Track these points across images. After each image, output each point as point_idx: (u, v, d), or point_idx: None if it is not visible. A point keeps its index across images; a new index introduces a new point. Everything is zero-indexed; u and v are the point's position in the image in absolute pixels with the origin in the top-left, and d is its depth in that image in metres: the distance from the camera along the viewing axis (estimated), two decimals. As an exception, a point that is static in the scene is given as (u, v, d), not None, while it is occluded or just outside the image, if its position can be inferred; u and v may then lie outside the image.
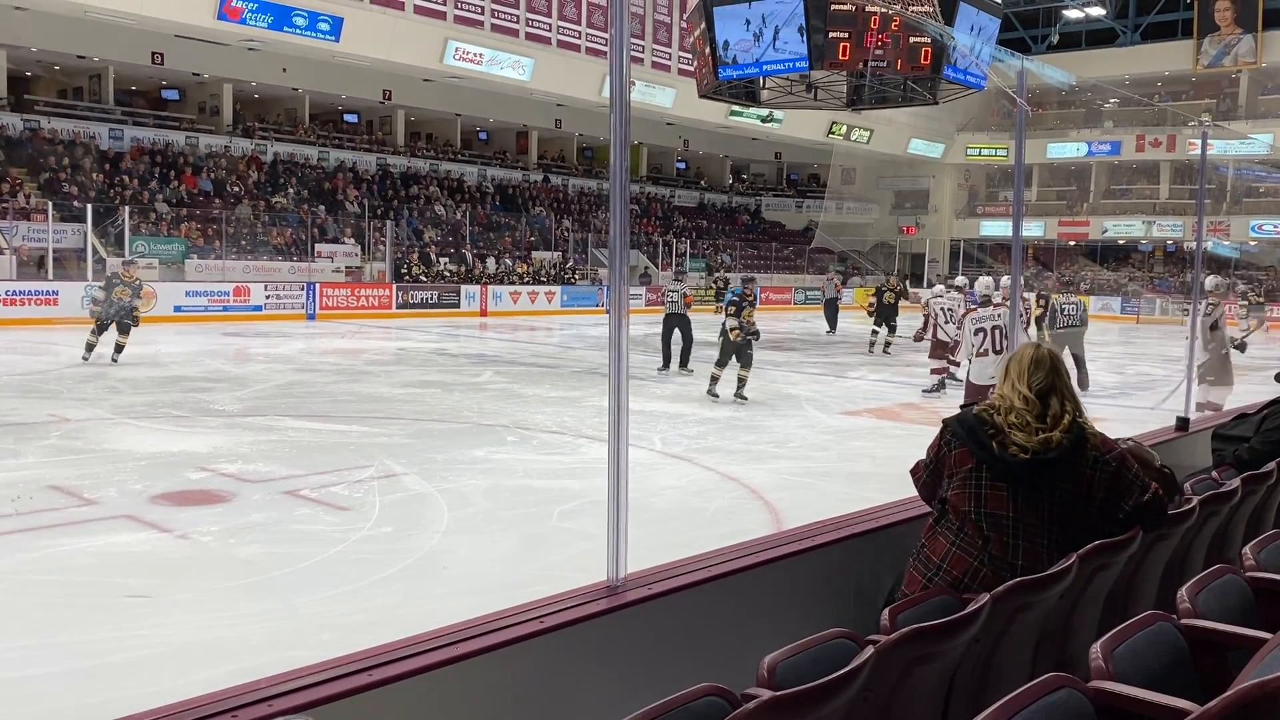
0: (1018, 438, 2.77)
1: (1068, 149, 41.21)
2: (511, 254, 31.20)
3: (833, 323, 24.18)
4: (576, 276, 31.66)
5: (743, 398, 11.71)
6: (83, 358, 13.53)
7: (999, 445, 2.78)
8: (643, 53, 31.04)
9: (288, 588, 5.12)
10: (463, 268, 29.02)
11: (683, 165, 43.98)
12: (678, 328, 14.51)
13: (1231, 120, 36.47)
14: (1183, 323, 26.96)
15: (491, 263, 30.13)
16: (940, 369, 13.28)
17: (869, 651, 1.94)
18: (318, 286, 24.64)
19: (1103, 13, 40.32)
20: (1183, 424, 5.63)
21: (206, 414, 10.13)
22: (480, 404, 11.38)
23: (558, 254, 32.52)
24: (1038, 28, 41.91)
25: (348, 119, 33.86)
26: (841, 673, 1.83)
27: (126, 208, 23.48)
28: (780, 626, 2.60)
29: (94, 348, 13.62)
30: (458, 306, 27.01)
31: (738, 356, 11.84)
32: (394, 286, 26.25)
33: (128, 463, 7.74)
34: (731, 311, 11.95)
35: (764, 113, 24.23)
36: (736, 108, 25.24)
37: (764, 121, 30.78)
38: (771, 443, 9.48)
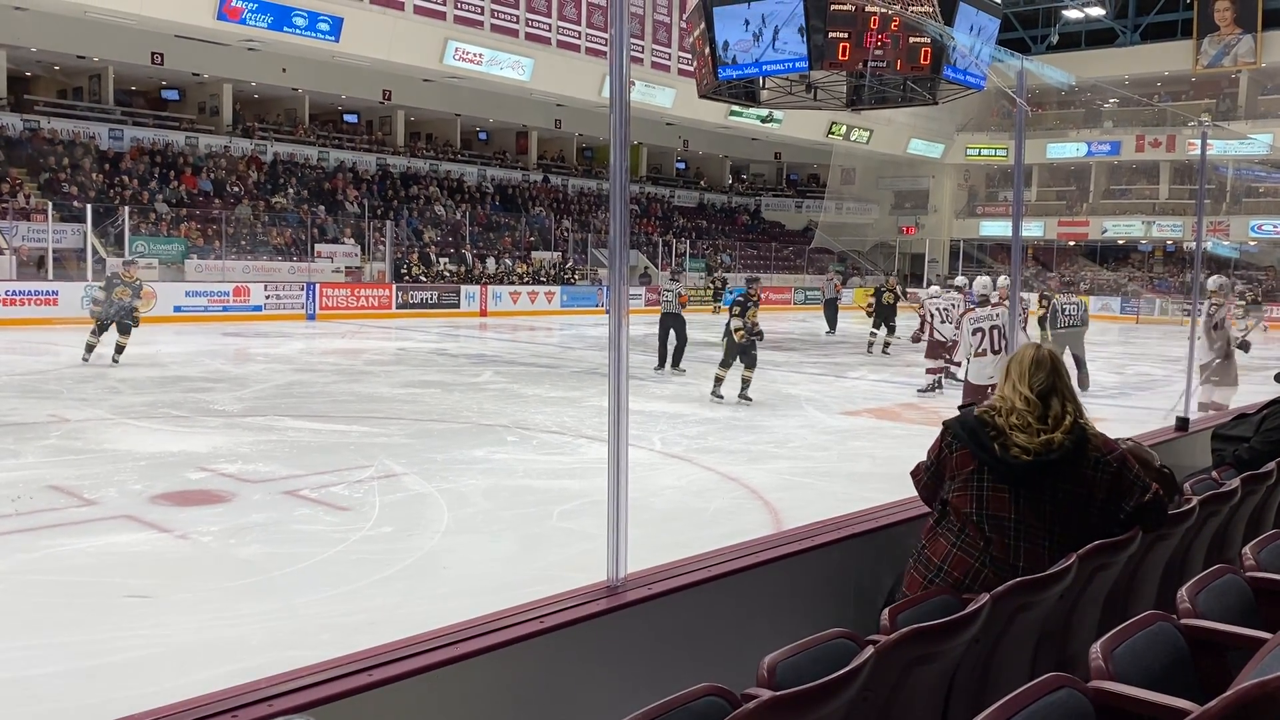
0: (1019, 439, 2.77)
1: (1067, 149, 41.22)
2: (511, 254, 31.20)
3: (832, 323, 24.19)
4: (576, 277, 31.66)
5: (747, 398, 11.67)
6: (83, 358, 13.48)
7: (1001, 447, 2.78)
8: (642, 53, 31.03)
9: (288, 588, 5.12)
10: (462, 268, 29.02)
11: (682, 165, 43.98)
12: (672, 328, 14.52)
13: (1231, 120, 36.47)
14: (1183, 323, 26.97)
15: (491, 263, 30.13)
16: (936, 369, 13.27)
17: (869, 651, 1.94)
18: (317, 287, 24.64)
19: (1102, 13, 40.33)
20: (1182, 424, 5.63)
21: (206, 414, 10.13)
22: (480, 404, 11.38)
23: (557, 254, 32.52)
24: (1037, 28, 41.92)
25: (347, 119, 33.86)
26: (841, 673, 1.83)
27: (126, 208, 23.48)
28: (780, 626, 2.60)
29: (94, 348, 13.57)
30: (457, 307, 27.01)
31: (742, 357, 11.79)
32: (394, 287, 26.25)
33: (128, 463, 7.74)
34: (736, 312, 11.87)
35: (764, 113, 24.22)
36: (736, 108, 25.24)
37: (764, 122, 30.78)
38: (771, 443, 9.48)
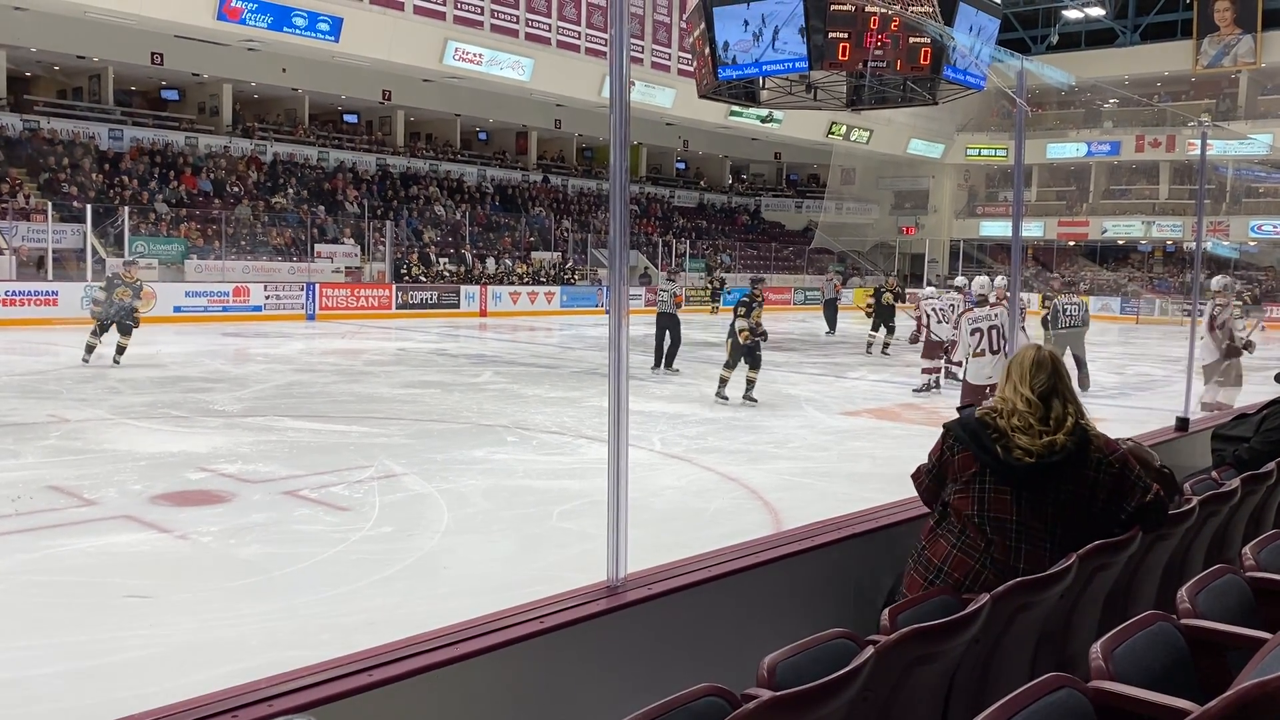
0: (1022, 441, 2.76)
1: (1067, 149, 41.22)
2: (511, 254, 31.20)
3: (832, 323, 24.20)
4: (576, 277, 31.66)
5: (752, 399, 11.58)
6: (83, 359, 13.42)
7: (1003, 449, 2.77)
8: (642, 53, 31.03)
9: (287, 588, 5.12)
10: (462, 268, 29.02)
11: (682, 165, 43.98)
12: (667, 328, 14.55)
13: (1231, 120, 36.47)
14: (1183, 323, 26.97)
15: (491, 263, 30.13)
16: (932, 369, 13.33)
17: (869, 652, 1.94)
18: (317, 287, 24.64)
19: (1102, 13, 40.34)
20: (1182, 424, 5.63)
21: (206, 414, 10.13)
22: (480, 404, 11.38)
23: (557, 254, 32.53)
24: (1037, 28, 41.92)
25: (347, 119, 33.86)
26: (841, 673, 1.83)
27: (126, 208, 23.48)
28: (780, 627, 2.60)
29: (94, 349, 13.51)
30: (457, 307, 27.02)
31: (746, 358, 11.67)
32: (394, 287, 26.25)
33: (127, 463, 7.73)
34: (741, 313, 11.72)
35: (763, 113, 24.22)
36: (736, 108, 25.24)
37: (763, 122, 30.77)
38: (771, 443, 9.48)
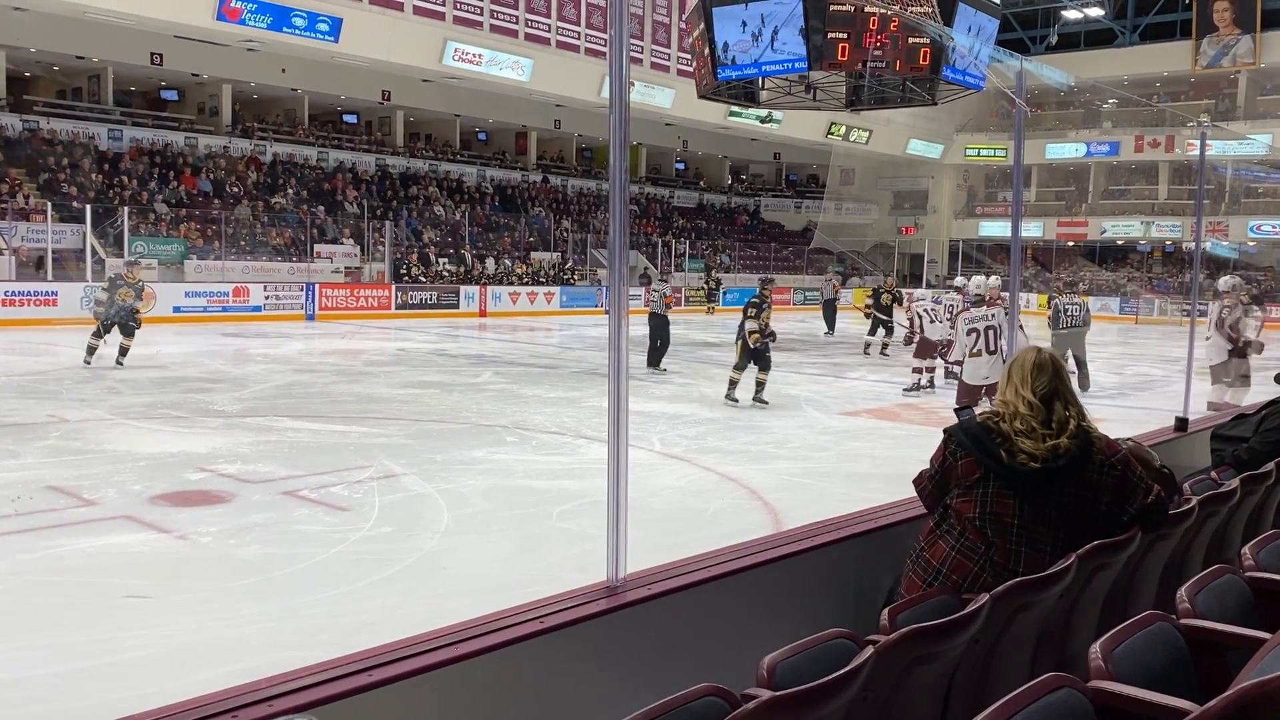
0: (1025, 445, 2.75)
1: (1066, 149, 41.24)
2: (511, 254, 31.21)
3: (831, 323, 24.21)
4: (576, 277, 31.66)
5: (763, 401, 11.46)
6: (84, 361, 13.28)
7: (1007, 453, 2.76)
8: (642, 53, 31.03)
9: (287, 588, 5.12)
10: (462, 268, 29.02)
11: (682, 166, 43.99)
12: (656, 328, 14.58)
13: (1230, 121, 36.48)
14: (1182, 323, 26.96)
15: (491, 263, 30.13)
16: (922, 369, 13.43)
17: (869, 652, 1.94)
18: (317, 287, 24.64)
19: (1101, 13, 40.35)
20: (1181, 424, 5.64)
21: (206, 415, 10.13)
22: (479, 404, 11.38)
23: (557, 255, 32.53)
24: (1036, 28, 41.92)
25: (347, 119, 33.86)
26: (841, 673, 1.83)
27: (126, 208, 23.48)
28: (780, 627, 2.60)
29: (95, 350, 13.38)
30: (457, 307, 27.02)
31: (756, 360, 11.52)
32: (393, 287, 26.25)
33: (127, 463, 7.73)
34: (751, 314, 11.52)
35: (763, 113, 24.18)
36: (735, 108, 25.24)
37: (763, 122, 30.73)
38: (771, 443, 9.48)
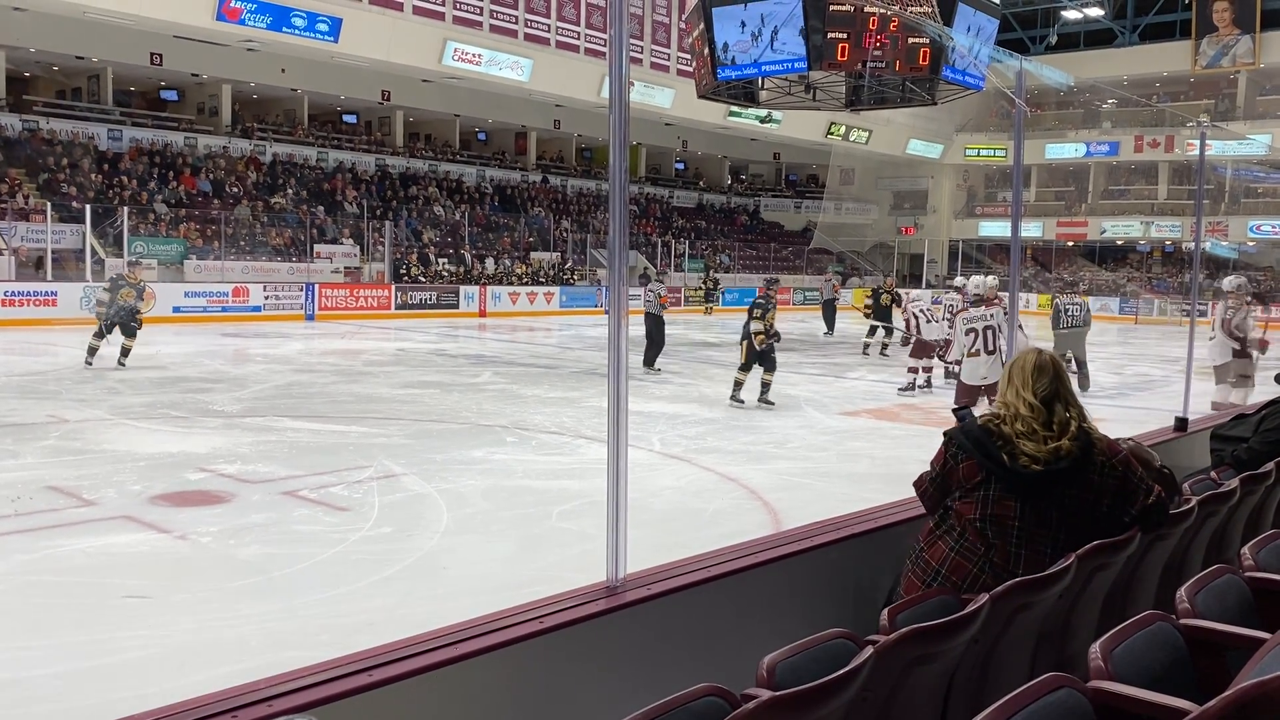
0: (1027, 447, 2.74)
1: (1066, 149, 41.25)
2: (510, 255, 31.21)
3: (830, 324, 24.21)
4: (575, 277, 31.66)
5: (768, 402, 11.39)
6: (85, 362, 13.18)
7: (1009, 456, 2.75)
8: (641, 53, 31.03)
9: (287, 588, 5.12)
10: (461, 268, 29.02)
11: (681, 166, 43.99)
12: (649, 328, 14.57)
13: (1230, 121, 36.48)
14: (1182, 323, 26.97)
15: (490, 263, 30.13)
16: (917, 369, 13.47)
17: (868, 652, 1.94)
18: (316, 287, 24.64)
19: (1101, 13, 40.35)
20: (1181, 424, 5.64)
21: (205, 415, 10.13)
22: (479, 404, 11.38)
23: (556, 255, 32.53)
24: (1036, 28, 41.93)
25: (346, 119, 33.85)
26: (841, 673, 1.83)
27: (125, 208, 23.47)
28: (779, 627, 2.60)
29: (96, 351, 13.28)
30: (456, 307, 27.02)
31: (761, 361, 11.42)
32: (393, 287, 26.25)
33: (127, 463, 7.73)
34: (757, 315, 11.40)
35: (762, 113, 24.17)
36: (735, 108, 25.23)
37: (763, 122, 30.72)
38: (770, 443, 9.48)
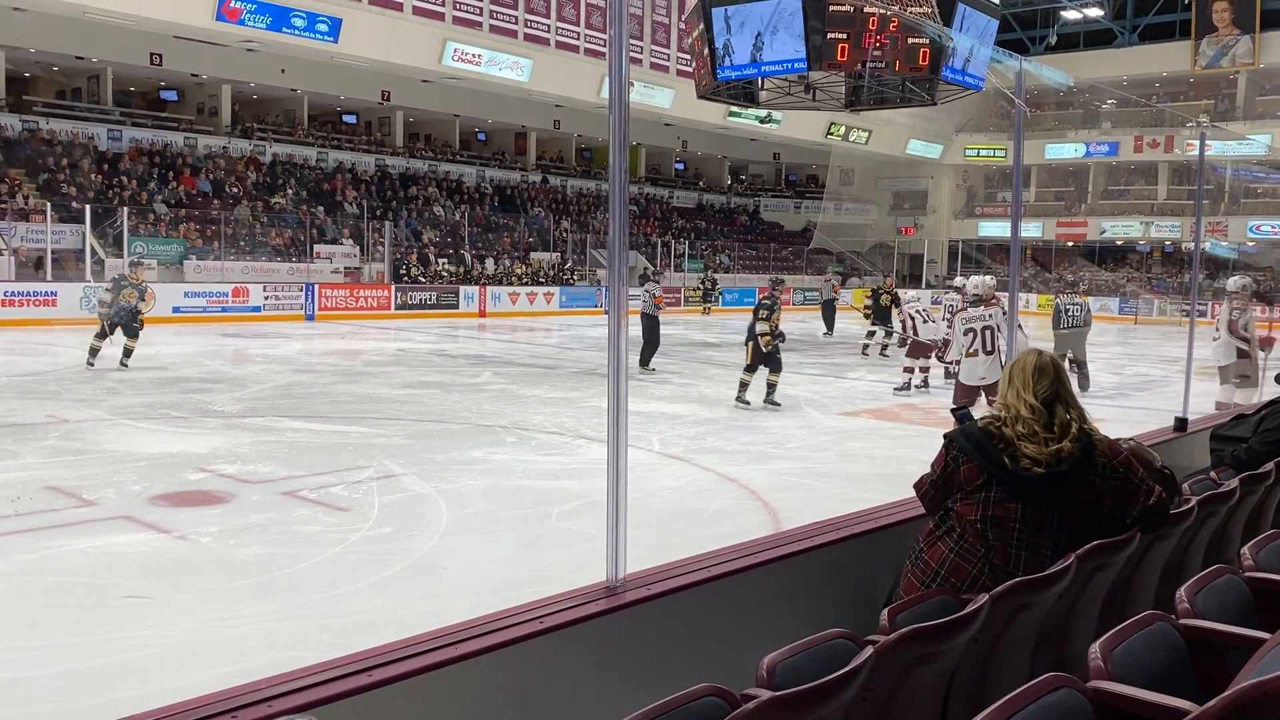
0: (1028, 449, 2.74)
1: (1066, 150, 41.25)
2: (510, 255, 31.21)
3: (830, 324, 24.20)
4: (575, 277, 31.66)
5: (775, 403, 11.35)
6: (87, 363, 13.08)
7: (1010, 458, 2.74)
8: (641, 53, 31.03)
9: (287, 588, 5.12)
10: (461, 269, 29.02)
11: (681, 166, 43.99)
12: (644, 328, 14.59)
13: (1229, 121, 36.48)
14: (1181, 323, 26.96)
15: (490, 264, 30.13)
16: (920, 368, 13.51)
17: (868, 652, 1.94)
18: (316, 287, 24.64)
19: (1101, 14, 40.36)
20: (1181, 424, 5.64)
21: (205, 415, 10.13)
22: (479, 405, 11.38)
23: (556, 255, 32.54)
24: (1036, 29, 41.94)
25: (346, 120, 33.85)
26: (841, 673, 1.83)
27: (125, 208, 23.46)
28: (779, 627, 2.60)
29: (98, 352, 13.18)
30: (456, 307, 27.02)
31: (767, 361, 11.35)
32: (393, 287, 26.25)
33: (126, 463, 7.73)
34: (763, 316, 11.31)
35: (762, 113, 24.16)
36: (735, 108, 25.23)
37: (762, 122, 30.71)
38: (770, 443, 9.48)
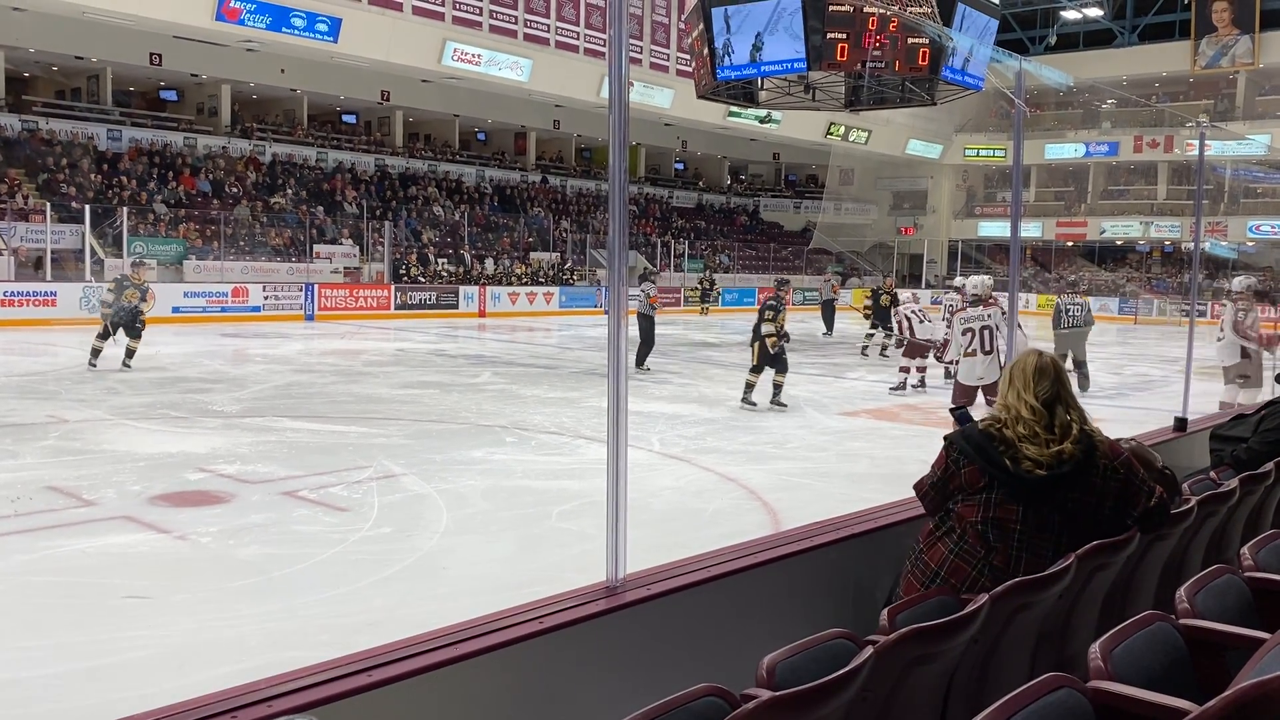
0: (1030, 451, 2.73)
1: (1065, 150, 41.26)
2: (510, 255, 31.21)
3: (830, 324, 24.20)
4: (575, 277, 31.66)
5: (781, 404, 11.31)
6: (90, 364, 12.99)
7: (1012, 460, 2.74)
8: (641, 53, 31.02)
9: (287, 588, 5.12)
10: (461, 269, 29.02)
11: (681, 166, 43.99)
12: (639, 329, 14.62)
13: (1229, 121, 36.49)
14: (1181, 323, 26.95)
15: (490, 264, 30.13)
16: (917, 368, 13.57)
17: (868, 652, 1.94)
18: (316, 287, 24.63)
19: (1100, 14, 40.36)
20: (1180, 424, 5.64)
21: (205, 415, 10.12)
22: (479, 405, 11.38)
23: (556, 255, 32.54)
24: (1035, 29, 41.95)
25: (346, 120, 33.84)
26: (841, 673, 1.83)
27: (125, 208, 23.47)
28: (779, 627, 2.60)
29: (101, 353, 13.07)
30: (456, 307, 27.02)
31: (773, 363, 11.30)
32: (392, 287, 26.25)
33: (126, 464, 7.73)
34: (769, 317, 11.28)
35: (762, 113, 24.18)
36: (734, 108, 25.23)
37: (762, 122, 30.72)
38: (770, 443, 9.48)
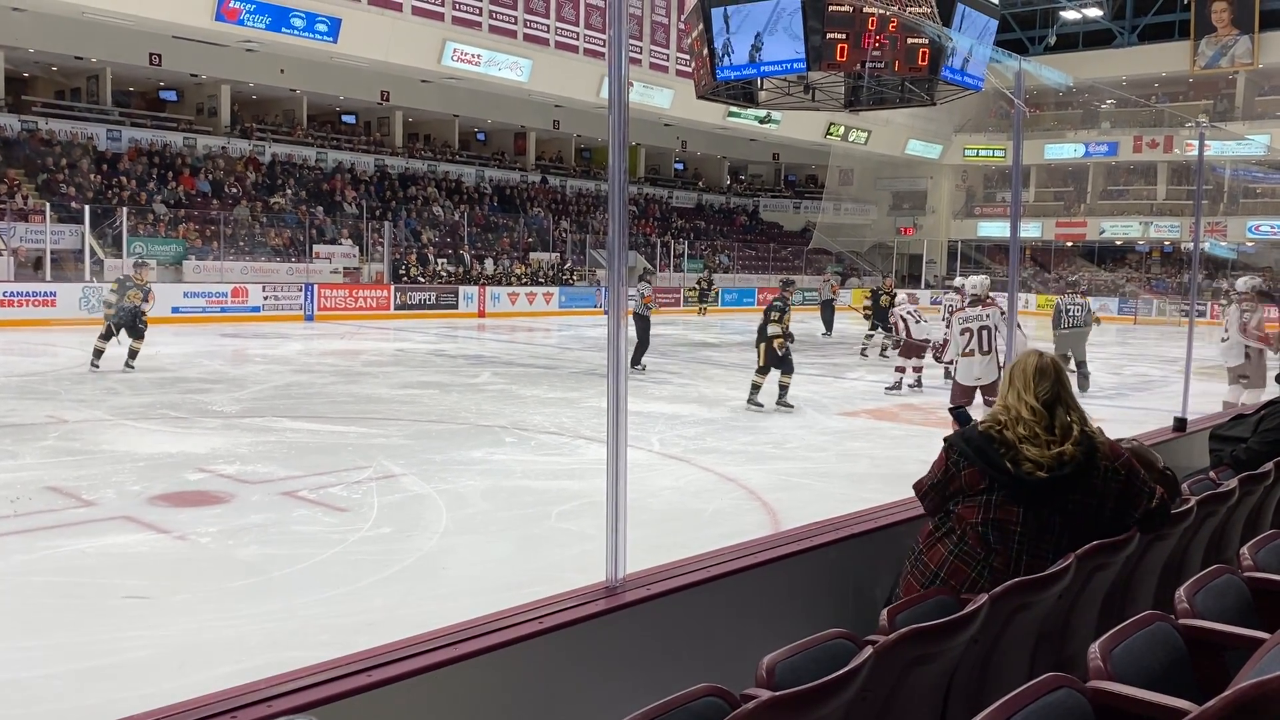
0: (1030, 452, 2.72)
1: (1065, 150, 41.28)
2: (509, 255, 31.21)
3: (829, 324, 24.20)
4: (574, 277, 31.66)
5: (787, 405, 11.27)
6: (92, 365, 12.92)
7: (1012, 462, 2.73)
8: (640, 54, 31.03)
9: (286, 589, 5.12)
10: (460, 269, 29.01)
11: (680, 166, 44.00)
12: (634, 329, 14.64)
13: (1228, 121, 36.49)
14: (1180, 323, 26.96)
15: (489, 264, 30.13)
16: (914, 368, 13.62)
17: (868, 652, 1.94)
18: (316, 287, 24.63)
19: (1100, 14, 40.37)
20: (1180, 424, 5.64)
21: (204, 415, 10.12)
22: (478, 405, 11.38)
23: (556, 255, 32.54)
24: (1035, 29, 41.96)
25: (345, 120, 33.85)
26: (840, 673, 1.83)
27: (124, 209, 23.46)
28: (779, 627, 2.60)
29: (103, 354, 13.00)
30: (456, 307, 27.02)
31: (779, 364, 11.27)
32: (392, 288, 26.25)
33: (126, 464, 7.73)
34: (775, 318, 11.23)
35: (762, 114, 24.18)
36: (734, 109, 25.25)
37: (762, 122, 30.71)
38: (769, 443, 9.48)
